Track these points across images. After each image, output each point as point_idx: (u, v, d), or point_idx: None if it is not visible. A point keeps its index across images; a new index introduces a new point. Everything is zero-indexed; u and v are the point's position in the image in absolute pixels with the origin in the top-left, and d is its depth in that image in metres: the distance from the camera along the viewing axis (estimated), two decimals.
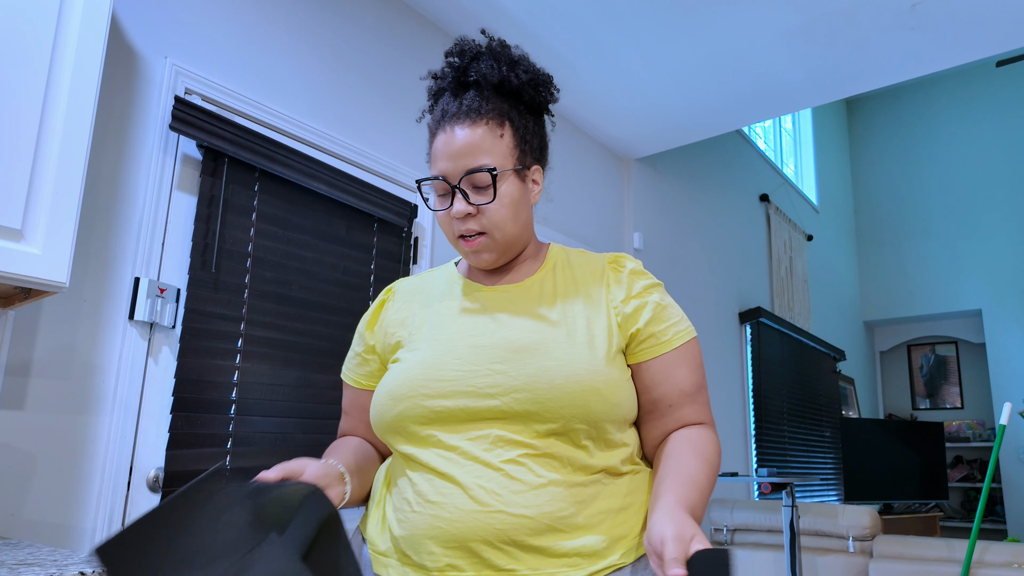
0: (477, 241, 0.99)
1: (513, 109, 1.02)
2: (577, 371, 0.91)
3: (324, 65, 2.21)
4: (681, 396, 0.99)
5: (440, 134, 1.00)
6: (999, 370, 6.32)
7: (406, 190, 2.44)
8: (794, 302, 5.52)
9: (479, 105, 0.99)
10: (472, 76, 1.01)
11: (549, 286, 1.04)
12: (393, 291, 1.13)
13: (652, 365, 1.00)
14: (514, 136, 1.01)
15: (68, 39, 1.26)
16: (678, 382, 0.99)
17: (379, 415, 0.98)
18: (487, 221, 0.99)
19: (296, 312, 1.97)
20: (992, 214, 6.63)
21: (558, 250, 1.11)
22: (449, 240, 1.04)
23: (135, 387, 1.62)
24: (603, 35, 2.73)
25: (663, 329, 1.00)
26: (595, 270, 1.06)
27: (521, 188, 1.02)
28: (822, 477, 5.16)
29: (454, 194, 0.98)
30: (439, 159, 1.00)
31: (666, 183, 4.08)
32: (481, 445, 0.91)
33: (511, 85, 1.01)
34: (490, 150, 0.98)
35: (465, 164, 0.97)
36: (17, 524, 1.41)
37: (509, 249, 1.03)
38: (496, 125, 0.99)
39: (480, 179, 0.98)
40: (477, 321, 1.00)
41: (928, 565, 2.66)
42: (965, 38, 2.74)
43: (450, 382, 0.93)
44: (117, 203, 1.64)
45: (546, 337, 0.95)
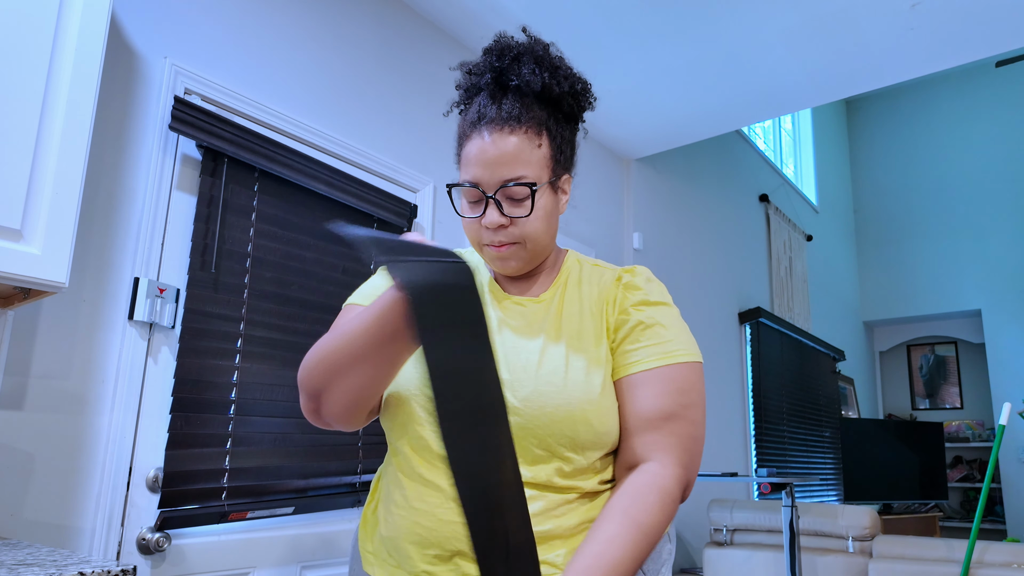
0: (506, 249, 0.97)
1: (551, 118, 0.98)
2: (570, 400, 0.91)
3: (324, 65, 2.21)
4: (638, 420, 0.92)
5: (475, 137, 0.96)
6: (998, 370, 6.32)
7: (406, 190, 2.44)
8: (794, 302, 5.52)
9: (519, 113, 0.95)
10: (514, 80, 0.97)
11: (556, 308, 1.02)
12: None
13: (620, 384, 0.96)
14: (551, 146, 0.98)
15: (68, 39, 1.26)
16: (639, 404, 0.93)
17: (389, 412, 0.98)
18: (520, 233, 0.96)
19: (296, 312, 1.97)
20: (992, 214, 6.63)
21: (573, 261, 1.08)
22: (472, 244, 1.01)
23: (134, 387, 1.62)
24: (603, 35, 2.73)
25: (635, 349, 0.96)
26: (603, 289, 1.03)
27: (554, 200, 1.00)
28: (822, 477, 5.16)
29: (487, 203, 0.95)
30: (473, 165, 0.95)
31: (666, 183, 4.08)
32: None
33: (552, 94, 0.98)
34: (528, 161, 0.94)
35: (502, 175, 0.93)
36: (16, 524, 1.41)
37: (536, 259, 1.02)
38: (535, 135, 0.96)
39: (517, 192, 0.94)
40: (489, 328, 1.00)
41: (928, 565, 2.66)
42: (965, 38, 2.74)
43: None
44: (117, 203, 1.64)
45: (546, 360, 0.95)
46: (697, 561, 3.86)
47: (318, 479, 1.95)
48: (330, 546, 2.01)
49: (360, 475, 2.08)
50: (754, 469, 4.54)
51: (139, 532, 1.60)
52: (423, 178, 2.49)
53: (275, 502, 1.83)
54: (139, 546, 1.59)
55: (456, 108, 1.05)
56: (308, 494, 1.92)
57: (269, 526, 1.87)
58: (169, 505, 1.61)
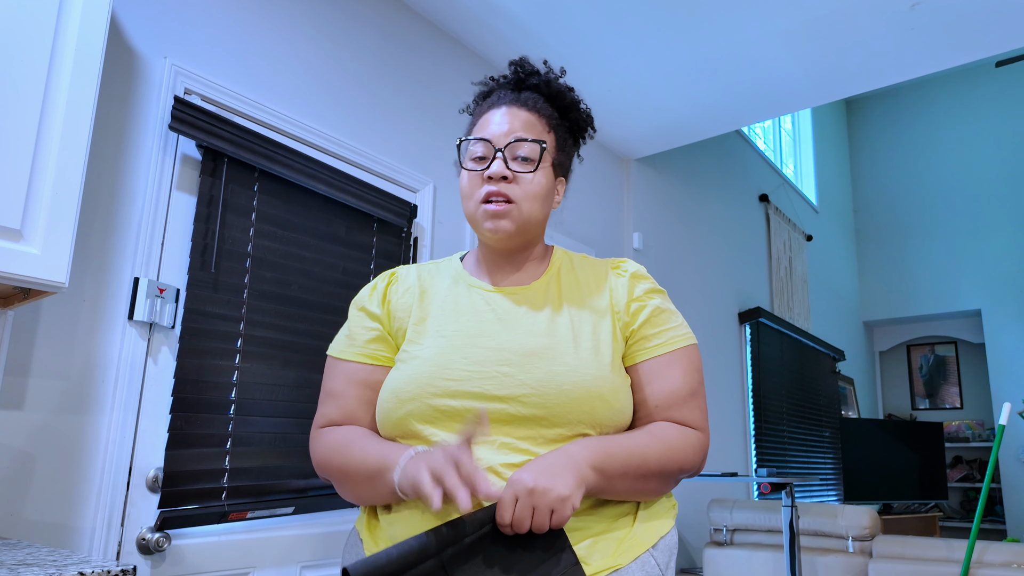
0: (502, 207, 1.00)
1: (560, 123, 1.09)
2: (584, 377, 0.92)
3: (324, 65, 2.20)
4: (670, 397, 0.99)
5: (494, 110, 1.06)
6: (998, 370, 6.32)
7: (406, 190, 2.44)
8: (794, 302, 5.52)
9: (534, 102, 1.06)
10: (533, 80, 1.10)
11: (555, 291, 1.04)
12: (396, 276, 1.12)
13: (644, 366, 1.00)
14: (555, 142, 1.07)
15: (67, 39, 1.26)
16: (668, 383, 0.99)
17: (385, 414, 0.97)
18: (520, 192, 1.01)
19: (296, 312, 1.97)
20: (991, 214, 6.63)
21: (562, 254, 1.12)
22: (468, 209, 1.04)
23: (134, 387, 1.62)
24: (603, 35, 2.73)
25: (658, 332, 1.02)
26: (599, 275, 1.07)
27: (552, 185, 1.06)
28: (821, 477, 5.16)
29: (494, 158, 1.01)
30: (488, 125, 1.04)
31: (666, 183, 4.08)
32: (486, 448, 0.90)
33: (564, 99, 1.10)
34: (538, 136, 1.04)
35: (514, 134, 1.02)
36: (16, 524, 1.41)
37: (526, 230, 1.03)
38: (544, 125, 1.06)
39: (526, 150, 1.01)
40: (484, 321, 1.00)
41: (927, 565, 2.66)
42: (965, 38, 2.74)
43: (457, 382, 0.93)
44: (116, 203, 1.64)
45: (553, 342, 0.96)
46: (697, 561, 3.86)
47: (318, 479, 1.95)
48: (330, 546, 2.01)
49: None
50: (754, 469, 4.54)
51: (139, 532, 1.60)
52: (423, 178, 2.49)
53: (275, 502, 1.83)
54: (139, 546, 1.59)
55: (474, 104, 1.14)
56: (308, 494, 1.92)
57: (269, 526, 1.87)
58: (169, 505, 1.61)
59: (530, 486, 0.81)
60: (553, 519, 0.81)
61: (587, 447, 0.88)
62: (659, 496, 0.97)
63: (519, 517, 0.81)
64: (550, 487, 0.81)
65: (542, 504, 0.81)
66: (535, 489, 0.81)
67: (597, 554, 0.88)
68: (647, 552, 0.91)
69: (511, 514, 0.81)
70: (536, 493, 0.80)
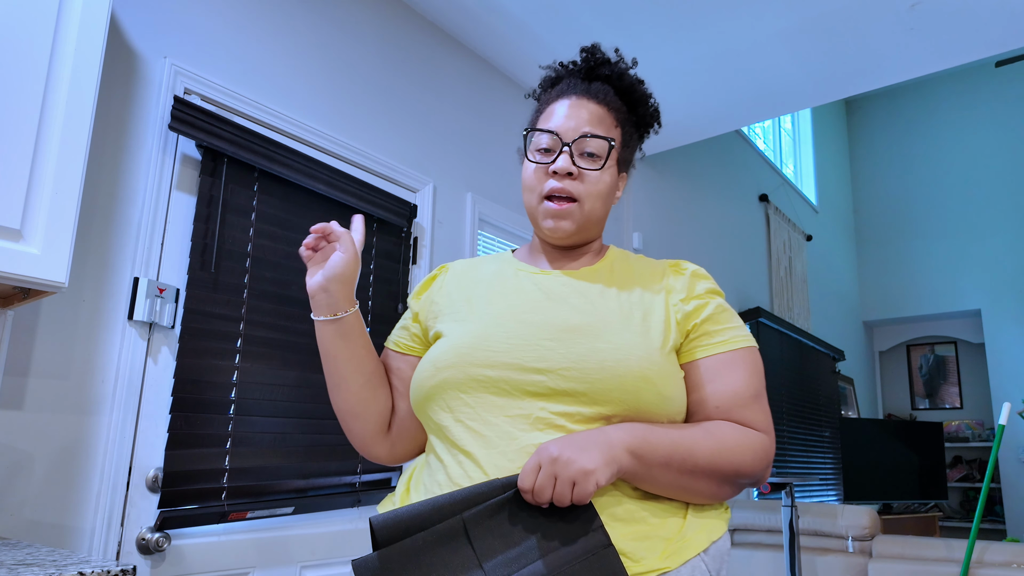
0: (566, 206, 0.99)
1: (628, 118, 1.06)
2: (629, 356, 0.88)
3: (324, 65, 2.20)
4: (732, 397, 0.93)
5: (563, 100, 1.03)
6: (998, 370, 6.32)
7: (406, 190, 2.44)
8: (793, 302, 5.52)
9: (605, 94, 1.03)
10: (604, 71, 1.06)
11: (606, 276, 1.02)
12: (446, 268, 1.13)
13: (705, 363, 0.95)
14: (622, 136, 1.05)
15: (67, 39, 1.26)
16: (731, 382, 0.94)
17: (419, 384, 0.95)
18: (584, 190, 0.99)
19: (296, 312, 1.97)
20: (991, 214, 6.63)
21: (617, 250, 1.11)
22: (529, 202, 1.03)
23: (134, 387, 1.62)
24: (603, 35, 2.73)
25: (721, 330, 0.97)
26: (655, 270, 1.04)
27: (615, 182, 1.04)
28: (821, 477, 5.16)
29: (560, 152, 0.99)
30: (556, 117, 1.02)
31: (666, 183, 4.08)
32: (520, 425, 0.87)
33: (635, 94, 1.06)
34: (607, 132, 1.01)
35: (583, 129, 0.99)
36: (16, 524, 1.41)
37: (587, 229, 1.02)
38: (614, 119, 1.03)
39: (594, 146, 0.99)
40: (529, 298, 0.98)
41: (927, 565, 2.66)
42: (964, 38, 2.74)
43: (496, 352, 0.90)
44: (116, 203, 1.64)
45: (599, 320, 0.92)
46: None
47: (318, 479, 1.95)
48: (330, 546, 2.01)
49: (360, 475, 2.08)
50: None
51: (139, 532, 1.60)
52: (423, 178, 2.49)
53: (275, 502, 1.83)
54: (139, 546, 1.59)
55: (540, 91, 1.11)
56: (308, 494, 1.92)
57: (269, 526, 1.87)
58: (169, 505, 1.61)
59: (554, 455, 0.78)
60: (575, 492, 0.78)
61: (626, 430, 0.84)
62: (713, 500, 0.91)
63: (540, 485, 0.78)
64: (574, 458, 0.78)
65: (564, 474, 0.78)
66: (559, 458, 0.78)
67: (644, 552, 0.83)
68: (698, 556, 0.86)
69: (532, 480, 0.79)
70: (559, 462, 0.78)
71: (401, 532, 0.77)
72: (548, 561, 0.77)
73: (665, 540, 0.85)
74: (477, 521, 0.79)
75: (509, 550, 0.78)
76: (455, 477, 0.88)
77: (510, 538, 0.79)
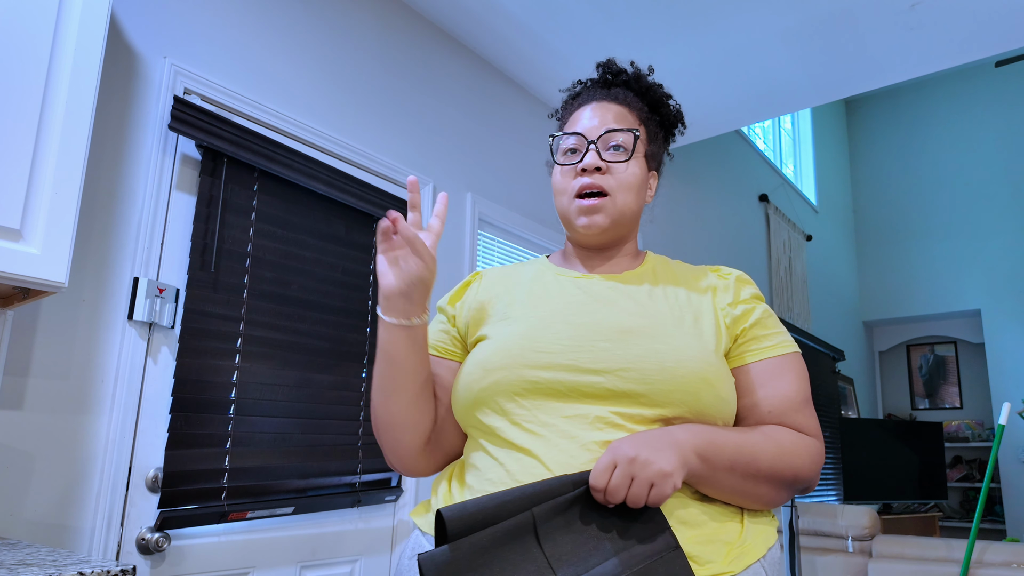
0: (596, 201, 0.98)
1: (651, 117, 1.08)
2: (688, 358, 0.86)
3: (324, 65, 2.20)
4: (784, 402, 0.93)
5: (586, 108, 1.04)
6: (998, 370, 6.32)
7: (406, 190, 2.44)
8: (793, 302, 5.52)
9: (625, 97, 1.06)
10: (623, 78, 1.09)
11: (650, 278, 1.01)
12: (480, 275, 1.10)
13: (755, 368, 0.95)
14: (646, 135, 1.05)
15: (67, 39, 1.26)
16: (782, 387, 0.93)
17: (467, 386, 0.92)
18: (614, 182, 0.99)
19: (296, 312, 1.97)
20: (991, 214, 6.63)
21: (655, 255, 1.10)
22: (561, 207, 1.02)
23: (134, 387, 1.62)
24: (603, 35, 2.73)
25: (769, 334, 0.97)
26: (698, 274, 1.03)
27: (645, 177, 1.05)
28: (821, 477, 5.16)
29: (587, 151, 0.99)
30: (581, 121, 1.03)
31: (666, 183, 4.08)
32: (579, 425, 0.85)
33: (654, 95, 1.09)
34: (631, 126, 1.03)
35: (607, 125, 1.01)
36: (16, 524, 1.41)
37: (620, 224, 1.01)
38: (637, 117, 1.05)
39: (620, 139, 1.00)
40: (577, 301, 0.96)
41: (927, 565, 2.66)
42: (964, 38, 2.74)
43: (550, 354, 0.88)
44: (116, 203, 1.64)
45: (653, 322, 0.91)
46: None
47: (318, 479, 1.95)
48: (330, 546, 2.01)
49: (360, 475, 2.08)
50: None
51: (139, 532, 1.60)
52: (423, 178, 2.49)
53: (275, 502, 1.83)
54: (139, 546, 1.59)
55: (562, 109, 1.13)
56: (308, 494, 1.92)
57: (269, 526, 1.87)
58: (169, 505, 1.61)
59: (631, 455, 0.76)
60: (652, 494, 0.76)
61: (692, 432, 0.82)
62: (769, 506, 0.90)
63: (615, 485, 0.76)
64: (652, 460, 0.76)
65: (642, 476, 0.75)
66: (636, 458, 0.76)
67: (711, 555, 0.82)
68: (758, 563, 0.85)
69: (607, 480, 0.76)
70: (637, 463, 0.76)
71: (469, 527, 0.74)
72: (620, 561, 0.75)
73: (727, 544, 0.84)
74: (547, 518, 0.77)
75: (578, 549, 0.76)
76: (515, 473, 0.85)
77: (580, 537, 0.77)
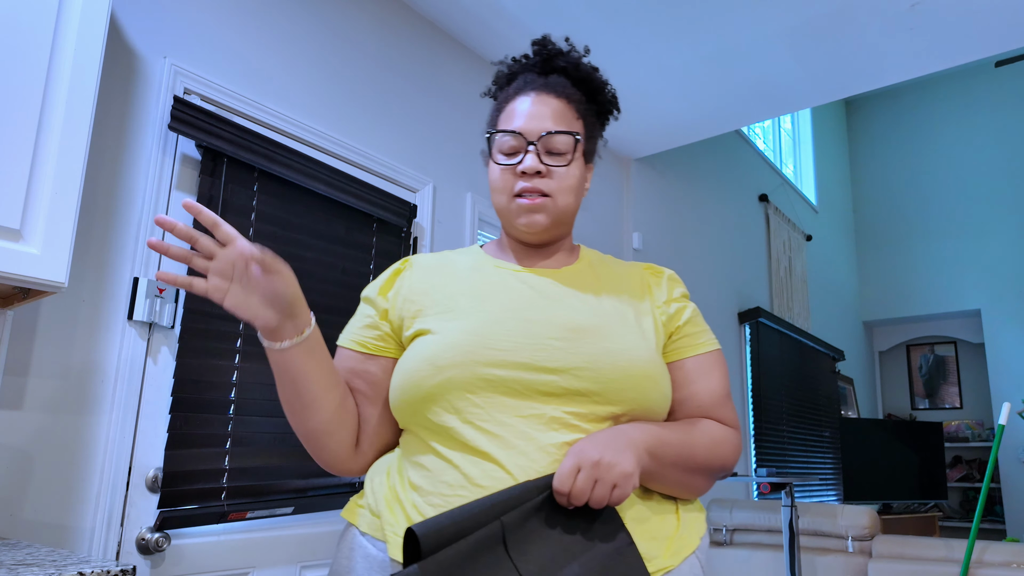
0: (538, 201, 0.98)
1: (588, 107, 1.06)
2: (637, 357, 0.90)
3: (323, 65, 2.20)
4: (712, 396, 0.99)
5: (522, 97, 1.01)
6: (998, 370, 6.32)
7: (406, 190, 2.44)
8: (793, 302, 5.52)
9: (564, 87, 1.03)
10: (560, 63, 1.06)
11: (591, 277, 1.02)
12: (410, 263, 1.07)
13: (689, 363, 1.00)
14: (584, 129, 1.04)
15: (67, 39, 1.26)
16: (711, 383, 0.99)
17: (415, 383, 0.89)
18: (555, 185, 0.98)
19: None
20: (991, 214, 6.63)
21: (590, 251, 1.11)
22: (499, 203, 1.01)
23: (134, 387, 1.62)
24: (603, 35, 2.73)
25: (700, 332, 1.02)
26: (632, 272, 1.06)
27: (583, 174, 1.04)
28: (821, 477, 5.16)
29: (526, 152, 0.98)
30: (518, 117, 1.00)
31: (665, 183, 4.08)
32: (534, 425, 0.86)
33: (592, 83, 1.06)
34: (570, 126, 1.01)
35: (546, 126, 0.99)
36: (15, 524, 1.41)
37: (559, 223, 1.01)
38: (575, 112, 1.03)
39: (559, 143, 0.99)
40: (526, 297, 0.96)
41: (927, 565, 2.66)
42: (964, 38, 2.74)
43: (504, 352, 0.88)
44: (116, 203, 1.64)
45: (603, 321, 0.93)
46: None
47: (318, 479, 1.95)
48: (330, 546, 2.01)
49: (359, 475, 2.08)
50: (754, 469, 4.54)
51: (138, 532, 1.60)
52: (423, 178, 2.49)
53: (275, 502, 1.83)
54: (138, 546, 1.59)
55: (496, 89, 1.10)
56: (308, 494, 1.92)
57: (269, 526, 1.87)
58: (168, 505, 1.61)
59: (595, 458, 0.79)
60: (614, 495, 0.79)
61: (642, 430, 0.86)
62: (700, 494, 0.95)
63: (580, 488, 0.78)
64: (616, 462, 0.79)
65: (607, 478, 0.78)
66: (600, 461, 0.79)
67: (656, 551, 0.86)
68: (693, 554, 0.89)
69: (571, 483, 0.78)
70: (601, 466, 0.78)
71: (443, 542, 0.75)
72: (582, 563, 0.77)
73: (668, 539, 0.88)
74: (515, 526, 0.78)
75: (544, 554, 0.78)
76: (475, 478, 0.84)
77: (546, 542, 0.79)
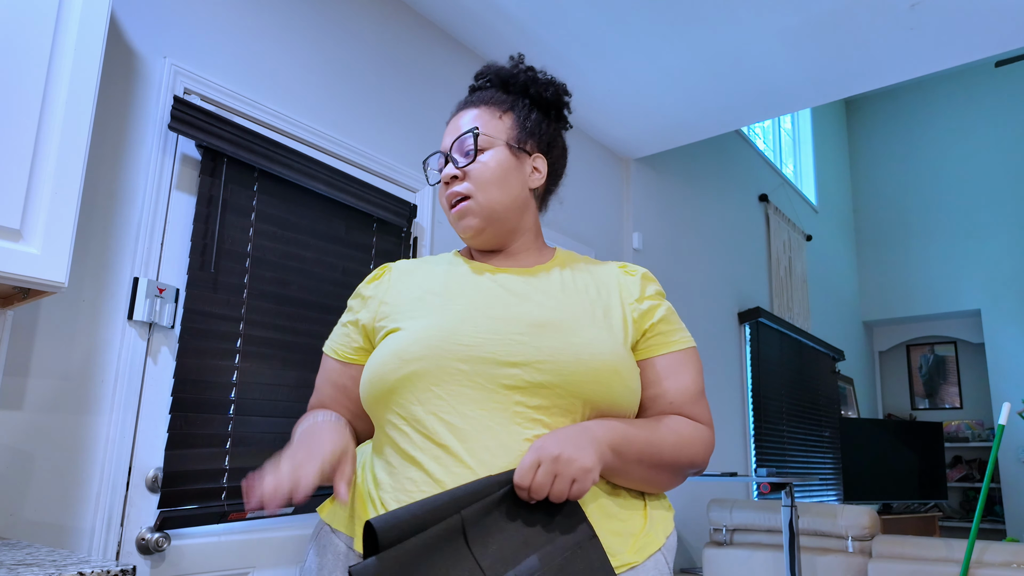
0: (461, 206, 1.03)
1: (518, 101, 1.09)
2: (601, 351, 0.91)
3: (323, 65, 2.20)
4: (684, 394, 1.00)
5: (450, 121, 1.10)
6: (998, 370, 6.32)
7: (406, 190, 2.44)
8: (793, 302, 5.52)
9: (483, 96, 1.09)
10: (487, 79, 1.13)
11: (560, 275, 1.04)
12: (389, 268, 1.11)
13: (660, 361, 1.01)
14: (515, 120, 1.07)
15: (67, 39, 1.26)
16: (683, 381, 1.00)
17: (382, 376, 0.92)
18: (471, 183, 1.03)
19: (295, 312, 1.97)
20: (991, 214, 6.63)
21: (564, 252, 1.13)
22: (448, 217, 1.07)
23: (134, 387, 1.62)
24: (603, 35, 2.73)
25: (673, 330, 1.04)
26: (606, 271, 1.07)
27: (514, 163, 1.06)
28: (821, 477, 5.17)
29: (446, 163, 1.05)
30: (443, 137, 1.08)
31: (665, 183, 4.08)
32: (497, 419, 0.87)
33: (517, 80, 1.10)
34: (483, 126, 1.05)
35: (456, 134, 1.06)
36: (16, 524, 1.41)
37: (494, 218, 1.04)
38: (496, 109, 1.07)
39: (465, 144, 1.04)
40: (493, 295, 0.98)
41: (927, 565, 2.66)
42: (964, 38, 2.74)
43: (469, 347, 0.90)
44: (116, 203, 1.64)
45: (567, 316, 0.95)
46: (697, 561, 3.86)
47: None
48: None
49: None
50: (753, 469, 4.54)
51: (138, 532, 1.60)
52: (423, 178, 2.49)
53: None
54: (138, 546, 1.59)
55: None
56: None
57: (269, 526, 1.87)
58: (169, 505, 1.61)
59: (555, 453, 0.80)
60: (573, 489, 0.80)
61: (606, 427, 0.88)
62: (667, 489, 0.97)
63: (539, 483, 0.80)
64: (575, 457, 0.80)
65: (566, 473, 0.80)
66: (560, 456, 0.80)
67: (620, 547, 0.87)
68: (659, 551, 0.91)
69: (531, 478, 0.80)
70: (561, 461, 0.80)
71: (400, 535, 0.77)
72: (541, 556, 0.79)
73: (633, 536, 0.90)
74: (475, 520, 0.80)
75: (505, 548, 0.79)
76: (436, 474, 0.86)
77: (506, 535, 0.80)
